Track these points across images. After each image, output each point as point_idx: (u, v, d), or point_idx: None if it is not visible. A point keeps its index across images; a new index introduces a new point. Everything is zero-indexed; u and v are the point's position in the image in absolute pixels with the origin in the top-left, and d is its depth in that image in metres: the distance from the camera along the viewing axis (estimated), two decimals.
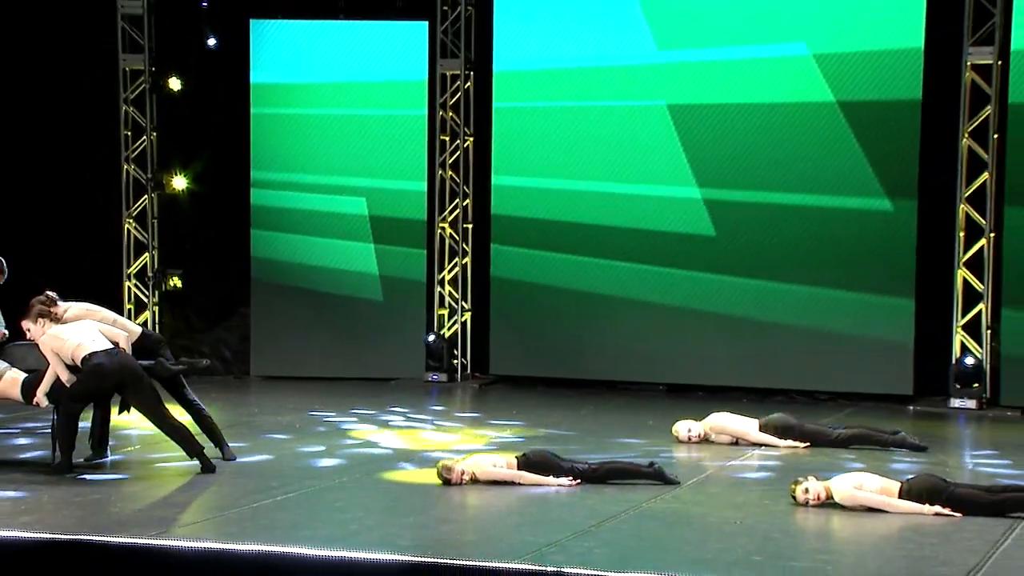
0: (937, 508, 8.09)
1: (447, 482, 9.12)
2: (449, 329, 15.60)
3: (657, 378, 14.89)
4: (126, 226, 15.81)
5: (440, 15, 15.42)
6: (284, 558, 7.25)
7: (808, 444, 10.75)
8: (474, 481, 9.12)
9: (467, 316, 15.66)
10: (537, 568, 6.76)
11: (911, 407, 13.78)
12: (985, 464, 10.59)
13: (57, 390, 9.62)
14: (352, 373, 15.16)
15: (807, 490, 8.33)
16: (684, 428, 11.07)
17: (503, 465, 9.24)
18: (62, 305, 10.00)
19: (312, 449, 10.85)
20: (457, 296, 15.65)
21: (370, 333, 15.41)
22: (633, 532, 7.91)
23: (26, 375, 10.00)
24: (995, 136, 13.71)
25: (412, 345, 15.40)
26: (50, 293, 9.95)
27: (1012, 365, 13.61)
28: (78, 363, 9.41)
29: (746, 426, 11.00)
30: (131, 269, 15.81)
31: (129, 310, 15.77)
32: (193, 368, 10.97)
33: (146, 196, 15.82)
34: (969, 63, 13.76)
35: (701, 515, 8.31)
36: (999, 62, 13.65)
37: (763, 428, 10.94)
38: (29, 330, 9.65)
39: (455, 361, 15.59)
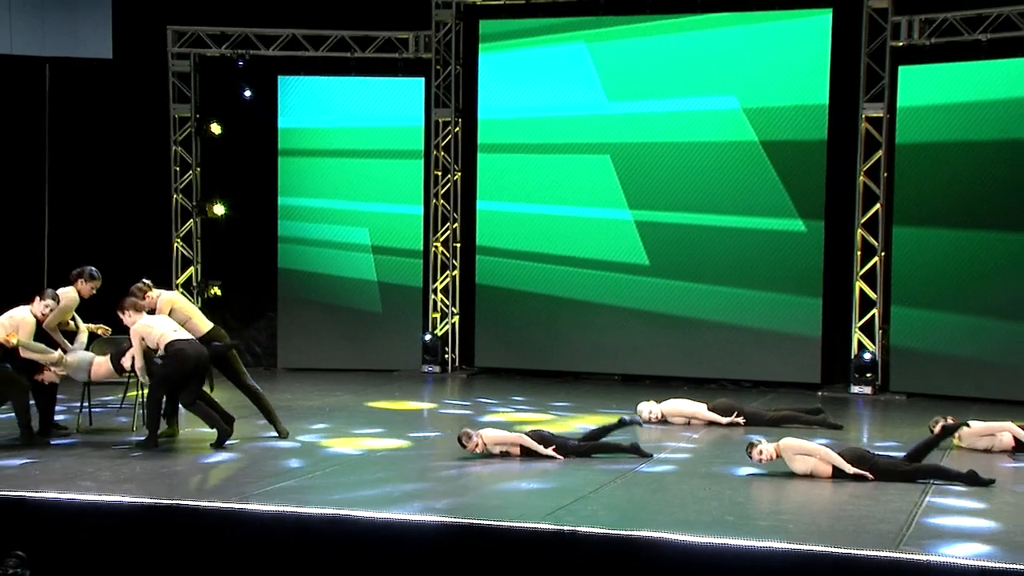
0: (857, 470, 8.34)
1: (464, 447, 9.18)
2: (441, 329, 15.53)
3: (614, 369, 14.86)
4: (175, 245, 15.73)
5: (434, 73, 15.32)
6: (347, 520, 7.26)
7: (747, 423, 10.96)
8: (485, 450, 9.19)
9: (456, 318, 15.58)
10: (556, 527, 6.85)
11: (819, 392, 13.81)
12: (879, 436, 10.94)
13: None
14: (362, 366, 15.15)
15: (761, 451, 8.50)
16: (646, 408, 11.23)
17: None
18: (153, 292, 10.12)
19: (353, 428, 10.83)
20: (448, 302, 15.59)
21: (376, 333, 15.37)
22: (625, 497, 7.98)
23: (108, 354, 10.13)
24: (884, 174, 13.83)
25: (411, 343, 15.34)
26: (145, 280, 10.06)
27: (899, 359, 13.71)
28: (162, 348, 9.48)
29: (696, 408, 11.24)
30: (179, 280, 15.67)
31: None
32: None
33: (191, 220, 15.71)
34: (864, 115, 13.87)
35: (676, 483, 8.42)
36: (887, 115, 13.76)
37: (711, 409, 11.19)
38: (121, 319, 9.79)
39: (446, 356, 15.52)
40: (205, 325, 10.25)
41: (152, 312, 9.98)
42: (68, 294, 10.17)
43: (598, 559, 6.70)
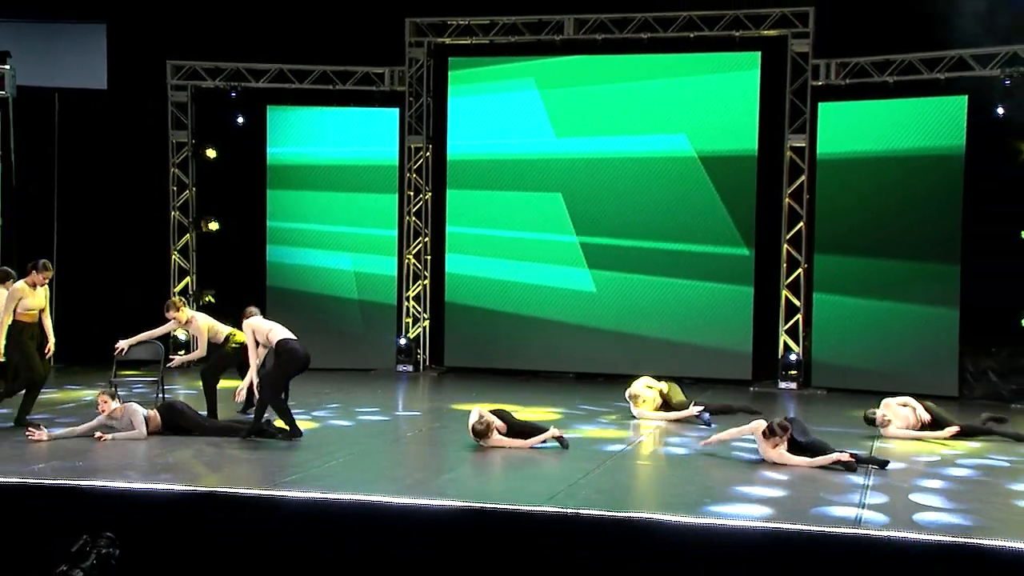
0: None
1: (478, 438, 9.34)
2: (414, 333, 15.69)
3: (568, 368, 15.08)
4: (173, 257, 15.76)
5: (407, 104, 15.46)
6: (368, 506, 7.38)
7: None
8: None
9: (426, 323, 15.72)
10: (560, 510, 7.07)
11: (751, 388, 14.13)
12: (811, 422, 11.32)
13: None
14: (343, 365, 15.11)
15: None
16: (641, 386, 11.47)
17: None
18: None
19: (342, 422, 10.93)
20: (419, 309, 15.72)
21: (356, 336, 15.48)
22: (612, 481, 8.22)
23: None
24: (807, 196, 14.24)
25: (386, 345, 15.46)
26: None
27: (819, 358, 14.09)
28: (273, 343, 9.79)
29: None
30: (176, 288, 15.69)
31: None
32: None
33: (188, 235, 15.76)
34: (788, 145, 14.27)
35: (651, 468, 8.79)
36: (809, 145, 14.14)
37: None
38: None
39: (418, 356, 15.61)
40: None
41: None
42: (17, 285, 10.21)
43: (599, 538, 6.94)
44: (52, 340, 10.37)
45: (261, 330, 9.96)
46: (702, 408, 11.13)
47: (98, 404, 9.74)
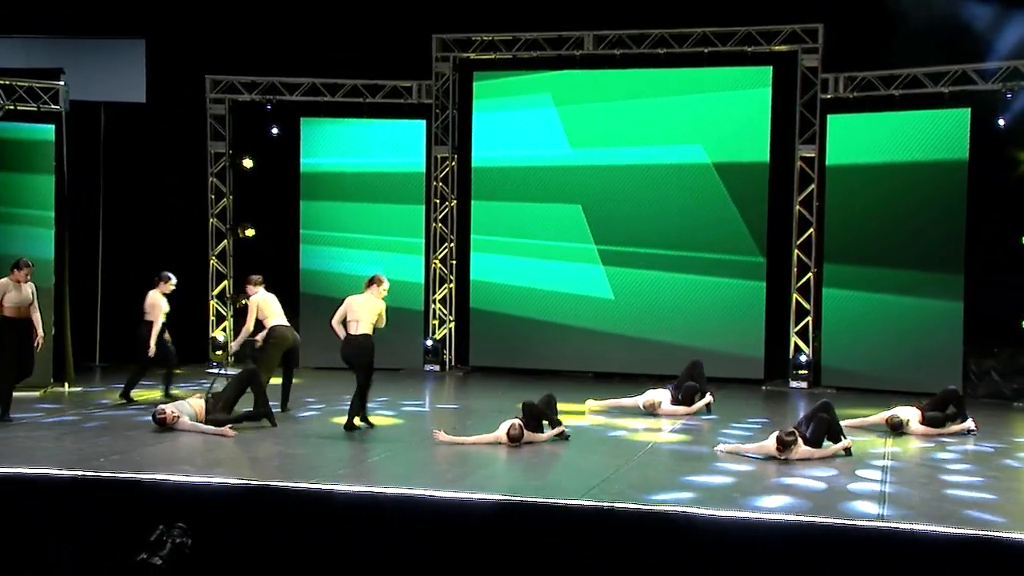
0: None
1: (513, 441, 9.48)
2: (439, 334, 15.86)
3: (587, 368, 15.17)
4: (211, 262, 15.96)
5: (434, 116, 15.64)
6: (414, 499, 7.53)
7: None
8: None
9: (452, 325, 15.88)
10: (597, 504, 7.24)
11: (763, 387, 14.26)
12: None
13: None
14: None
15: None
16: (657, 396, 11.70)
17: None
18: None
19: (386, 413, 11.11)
20: (445, 311, 15.87)
21: (384, 338, 15.51)
22: (641, 476, 8.38)
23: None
24: (816, 204, 14.37)
25: (414, 345, 15.57)
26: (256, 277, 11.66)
27: (828, 359, 14.22)
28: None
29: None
30: (214, 292, 15.95)
31: (212, 321, 16.06)
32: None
33: (225, 240, 15.95)
34: (799, 155, 14.42)
35: (674, 466, 8.93)
36: (818, 155, 14.28)
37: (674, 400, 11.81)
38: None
39: (444, 356, 15.76)
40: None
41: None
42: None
43: (634, 530, 7.10)
44: (40, 334, 10.73)
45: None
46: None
47: (167, 421, 10.00)
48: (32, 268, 10.69)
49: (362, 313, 10.34)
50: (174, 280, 12.24)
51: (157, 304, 12.01)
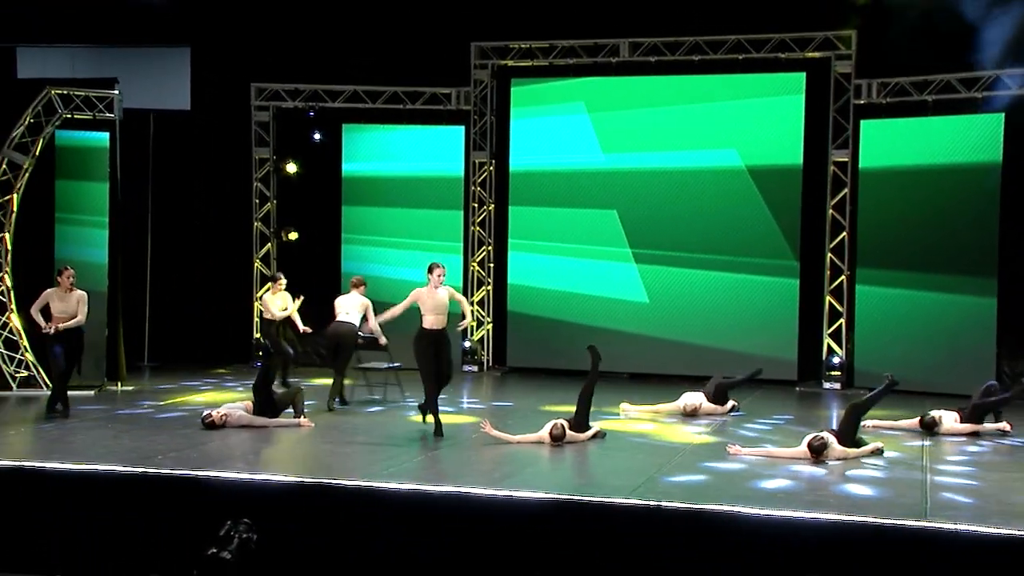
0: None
1: (556, 441, 9.60)
2: (477, 335, 15.95)
3: (623, 369, 15.06)
4: (255, 264, 16.11)
5: (472, 122, 15.73)
6: (467, 498, 7.62)
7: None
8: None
9: (490, 327, 15.97)
10: (644, 503, 7.32)
11: (796, 388, 14.27)
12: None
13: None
14: (410, 365, 15.35)
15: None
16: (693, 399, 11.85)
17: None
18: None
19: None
20: (483, 313, 15.97)
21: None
22: (687, 477, 8.39)
23: None
24: (849, 208, 14.35)
25: (453, 348, 15.42)
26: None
27: (861, 361, 14.23)
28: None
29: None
30: (258, 293, 15.78)
31: (256, 323, 16.19)
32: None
33: (269, 244, 16.09)
34: (832, 159, 14.42)
35: (715, 466, 8.93)
36: (851, 160, 14.21)
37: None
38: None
39: (482, 357, 15.81)
40: None
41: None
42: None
43: (681, 529, 7.18)
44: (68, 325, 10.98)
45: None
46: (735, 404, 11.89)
47: (215, 422, 10.22)
48: (72, 273, 10.92)
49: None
50: (283, 280, 13.23)
51: (267, 304, 13.17)
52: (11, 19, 15.03)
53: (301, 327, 13.25)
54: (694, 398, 11.90)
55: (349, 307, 11.99)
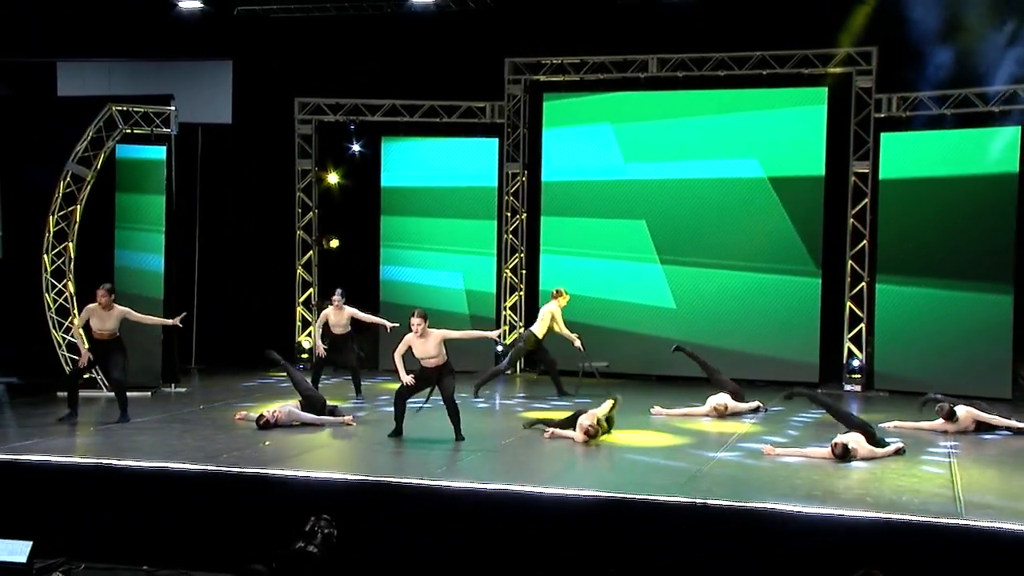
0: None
1: (592, 435, 9.85)
2: (510, 339, 15.77)
3: (651, 371, 15.29)
4: (297, 271, 16.33)
5: (506, 134, 15.92)
6: (521, 496, 7.77)
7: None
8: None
9: (522, 330, 15.83)
10: (689, 500, 7.49)
11: (819, 390, 13.78)
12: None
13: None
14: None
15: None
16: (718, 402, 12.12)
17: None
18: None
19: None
20: (515, 317, 16.22)
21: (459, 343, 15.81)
22: (725, 476, 8.54)
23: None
24: (870, 217, 14.51)
25: (486, 349, 15.67)
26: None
27: (880, 364, 14.38)
28: None
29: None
30: (300, 299, 16.31)
31: (298, 327, 16.50)
32: None
33: (311, 251, 16.30)
34: (853, 171, 14.60)
35: (754, 465, 9.19)
36: (872, 171, 14.39)
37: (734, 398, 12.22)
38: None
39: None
40: None
41: None
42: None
43: (725, 526, 7.37)
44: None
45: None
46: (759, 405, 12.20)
47: (268, 422, 10.58)
48: (109, 290, 10.97)
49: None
50: (336, 296, 13.15)
51: (323, 317, 13.05)
52: (49, 34, 15.12)
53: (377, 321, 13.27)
54: (722, 399, 12.12)
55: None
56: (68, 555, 7.84)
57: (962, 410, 10.93)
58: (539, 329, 13.67)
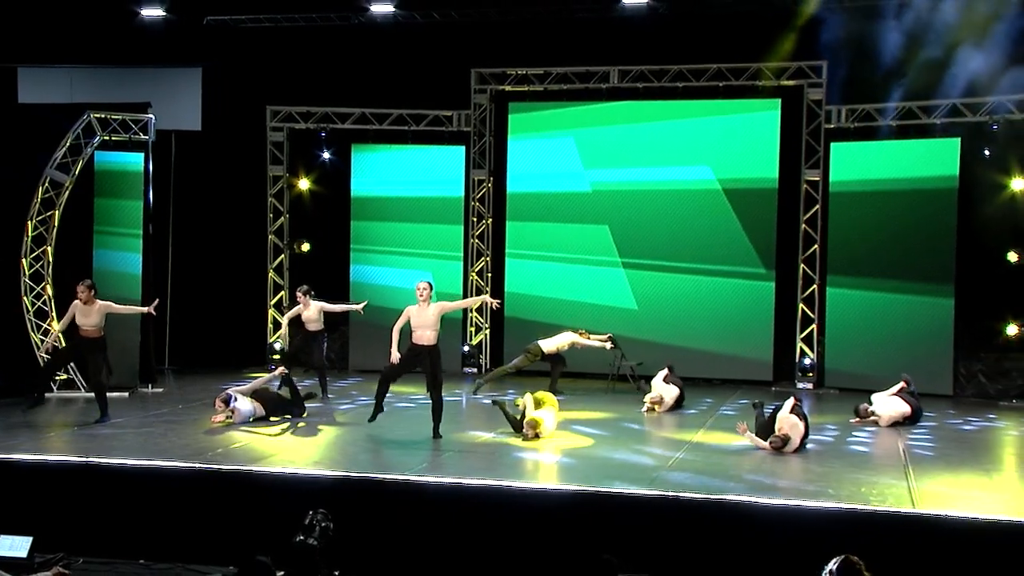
0: None
1: (536, 436, 10.02)
2: (476, 340, 16.32)
3: (612, 370, 15.16)
4: (269, 274, 16.43)
5: (472, 142, 16.10)
6: (497, 490, 7.97)
7: None
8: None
9: (487, 331, 16.34)
10: (662, 493, 7.70)
11: (772, 388, 14.49)
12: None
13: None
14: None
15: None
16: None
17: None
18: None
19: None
20: (481, 319, 16.39)
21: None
22: (695, 469, 8.76)
23: None
24: (820, 223, 14.89)
25: (453, 350, 15.70)
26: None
27: (831, 362, 14.74)
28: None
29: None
30: (272, 301, 16.42)
31: (269, 328, 16.55)
32: None
33: (282, 255, 16.41)
34: (804, 178, 14.98)
35: (719, 460, 9.45)
36: (822, 179, 14.80)
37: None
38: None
39: (480, 360, 16.10)
40: None
41: None
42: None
43: (695, 518, 7.60)
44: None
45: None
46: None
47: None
48: (90, 286, 10.91)
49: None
50: (299, 293, 13.34)
51: (293, 312, 13.31)
52: (10, 40, 14.82)
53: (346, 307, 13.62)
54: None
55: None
56: (67, 550, 7.90)
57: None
58: (547, 346, 13.77)
